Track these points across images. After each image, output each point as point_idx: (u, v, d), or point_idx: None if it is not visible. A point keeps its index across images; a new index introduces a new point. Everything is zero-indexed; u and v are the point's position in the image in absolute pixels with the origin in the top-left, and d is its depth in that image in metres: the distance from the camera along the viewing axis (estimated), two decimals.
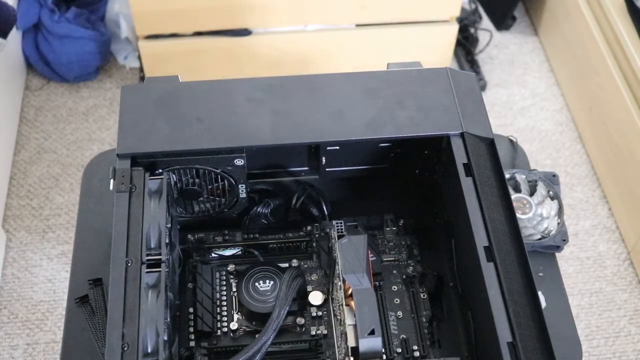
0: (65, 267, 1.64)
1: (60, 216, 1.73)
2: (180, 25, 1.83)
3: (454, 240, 0.90)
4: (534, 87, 2.05)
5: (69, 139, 1.89)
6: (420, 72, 0.95)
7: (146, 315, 0.74)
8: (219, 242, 0.98)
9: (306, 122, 0.88)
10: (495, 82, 2.06)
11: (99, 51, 1.95)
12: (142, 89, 0.92)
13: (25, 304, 1.60)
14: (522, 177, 1.06)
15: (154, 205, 0.81)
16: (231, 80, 0.93)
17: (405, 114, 0.89)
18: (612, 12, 1.73)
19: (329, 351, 0.89)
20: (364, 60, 1.94)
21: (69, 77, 1.97)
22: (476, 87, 0.94)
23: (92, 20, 1.94)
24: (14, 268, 1.64)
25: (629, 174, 1.67)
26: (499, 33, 2.17)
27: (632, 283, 1.67)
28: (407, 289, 0.94)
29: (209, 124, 0.87)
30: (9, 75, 1.88)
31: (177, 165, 0.87)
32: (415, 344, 0.90)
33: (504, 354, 0.72)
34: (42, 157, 1.84)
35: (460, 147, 0.87)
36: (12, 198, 1.76)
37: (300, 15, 1.83)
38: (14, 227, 1.71)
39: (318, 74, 0.94)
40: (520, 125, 1.96)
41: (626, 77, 1.69)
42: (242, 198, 0.94)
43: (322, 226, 0.98)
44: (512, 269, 0.78)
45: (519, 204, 1.03)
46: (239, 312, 0.91)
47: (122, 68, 2.05)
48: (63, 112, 1.94)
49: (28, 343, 1.54)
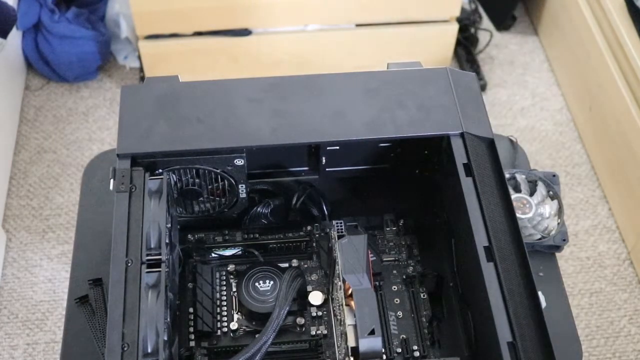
0: (65, 267, 1.64)
1: (60, 216, 1.73)
2: (180, 25, 1.83)
3: (454, 240, 0.90)
4: (534, 87, 2.05)
5: (69, 139, 1.89)
6: (420, 72, 0.95)
7: (146, 315, 0.74)
8: (219, 242, 0.98)
9: (306, 122, 0.88)
10: (495, 82, 2.06)
11: (99, 51, 1.95)
12: (142, 89, 0.92)
13: (25, 304, 1.60)
14: (522, 177, 1.06)
15: (154, 205, 0.81)
16: (231, 80, 0.93)
17: (405, 114, 0.89)
18: (612, 12, 1.73)
19: (329, 351, 0.89)
20: (364, 60, 1.94)
21: (69, 77, 1.97)
22: (476, 87, 0.94)
23: (92, 20, 1.94)
24: (14, 268, 1.64)
25: (629, 174, 1.67)
26: (499, 33, 2.17)
27: (632, 283, 1.67)
28: (407, 289, 0.94)
29: (209, 124, 0.87)
30: (9, 75, 1.88)
31: (177, 165, 0.87)
32: (415, 344, 0.90)
33: (504, 354, 0.72)
34: (42, 157, 1.84)
35: (460, 147, 0.87)
36: (12, 198, 1.76)
37: (300, 15, 1.83)
38: (14, 227, 1.71)
39: (318, 74, 0.94)
40: (520, 125, 1.96)
41: (626, 77, 1.69)
42: (242, 198, 0.94)
43: (322, 226, 0.98)
44: (512, 269, 0.78)
45: (519, 204, 1.03)
46: (239, 312, 0.91)
47: (122, 68, 2.05)
48: (63, 112, 1.94)
49: (28, 343, 1.54)
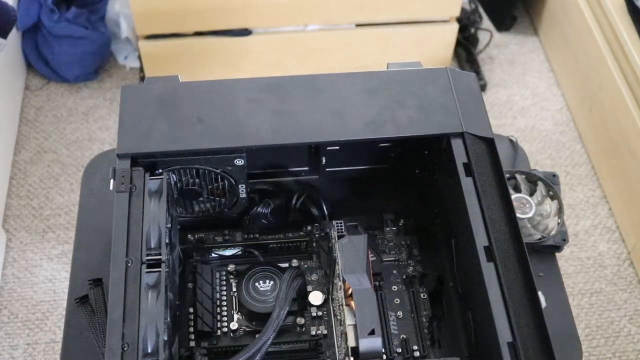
0: (66, 267, 1.64)
1: (60, 216, 1.73)
2: (180, 25, 1.83)
3: (454, 240, 0.90)
4: (534, 87, 2.05)
5: (69, 139, 1.89)
6: (420, 72, 0.95)
7: (146, 315, 0.74)
8: (219, 242, 0.98)
9: (306, 122, 0.88)
10: (496, 82, 2.06)
11: (99, 51, 1.95)
12: (142, 89, 0.92)
13: (26, 304, 1.60)
14: (522, 177, 1.06)
15: (154, 205, 0.81)
16: (231, 80, 0.93)
17: (405, 114, 0.89)
18: (612, 12, 1.73)
19: (329, 351, 0.89)
20: (364, 60, 1.94)
21: (69, 77, 1.97)
22: (476, 87, 0.94)
23: (92, 20, 1.94)
24: (14, 268, 1.64)
25: (629, 174, 1.67)
26: (499, 33, 2.17)
27: (632, 283, 1.67)
28: (407, 289, 0.94)
29: (209, 124, 0.87)
30: (9, 75, 1.88)
31: (177, 165, 0.87)
32: (415, 344, 0.90)
33: (504, 354, 0.72)
34: (42, 157, 1.84)
35: (460, 147, 0.87)
36: (12, 198, 1.76)
37: (300, 15, 1.83)
38: (14, 227, 1.71)
39: (318, 74, 0.94)
40: (520, 125, 1.96)
41: (626, 77, 1.69)
42: (242, 198, 0.94)
43: (322, 226, 0.99)
44: (512, 269, 0.78)
45: (519, 204, 1.03)
46: (239, 312, 0.91)
47: (122, 68, 2.05)
48: (63, 112, 1.94)
49: (28, 343, 1.54)
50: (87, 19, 1.92)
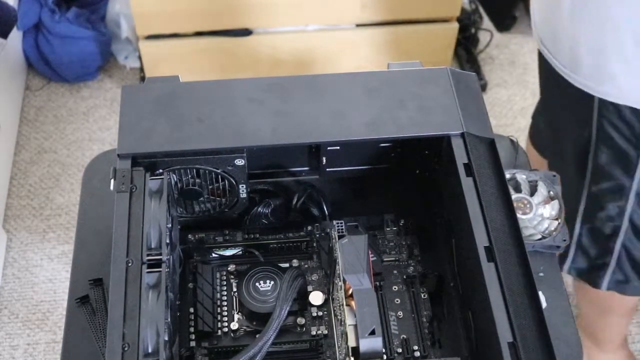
0: (66, 267, 1.64)
1: (60, 216, 1.73)
2: (181, 25, 1.83)
3: (455, 240, 0.90)
4: (534, 87, 2.05)
5: (69, 139, 1.89)
6: (420, 72, 0.95)
7: (147, 316, 0.74)
8: (219, 242, 0.98)
9: (306, 122, 0.88)
10: (496, 82, 2.06)
11: (100, 51, 1.95)
12: (142, 89, 0.92)
13: (26, 304, 1.60)
14: (523, 177, 1.06)
15: (154, 206, 0.81)
16: (231, 80, 0.93)
17: (406, 114, 0.89)
18: None
19: (330, 351, 0.89)
20: (364, 60, 1.94)
21: (70, 77, 1.97)
22: (476, 87, 0.94)
23: (93, 20, 1.94)
24: (14, 268, 1.64)
25: None
26: (499, 33, 2.17)
27: None
28: (407, 289, 0.94)
29: (210, 124, 0.87)
30: (9, 75, 1.88)
31: (177, 165, 0.87)
32: (416, 344, 0.90)
33: (504, 354, 0.72)
34: (43, 157, 1.85)
35: (461, 147, 0.87)
36: (12, 198, 1.76)
37: (300, 15, 1.84)
38: (14, 227, 1.71)
39: (318, 74, 0.94)
40: (521, 125, 1.96)
41: None
42: (242, 198, 0.94)
43: (323, 226, 0.99)
44: (513, 269, 0.78)
45: (520, 204, 1.03)
46: (240, 312, 0.91)
47: (122, 68, 2.05)
48: (63, 112, 1.95)
49: (28, 343, 1.54)
50: (87, 19, 1.92)
